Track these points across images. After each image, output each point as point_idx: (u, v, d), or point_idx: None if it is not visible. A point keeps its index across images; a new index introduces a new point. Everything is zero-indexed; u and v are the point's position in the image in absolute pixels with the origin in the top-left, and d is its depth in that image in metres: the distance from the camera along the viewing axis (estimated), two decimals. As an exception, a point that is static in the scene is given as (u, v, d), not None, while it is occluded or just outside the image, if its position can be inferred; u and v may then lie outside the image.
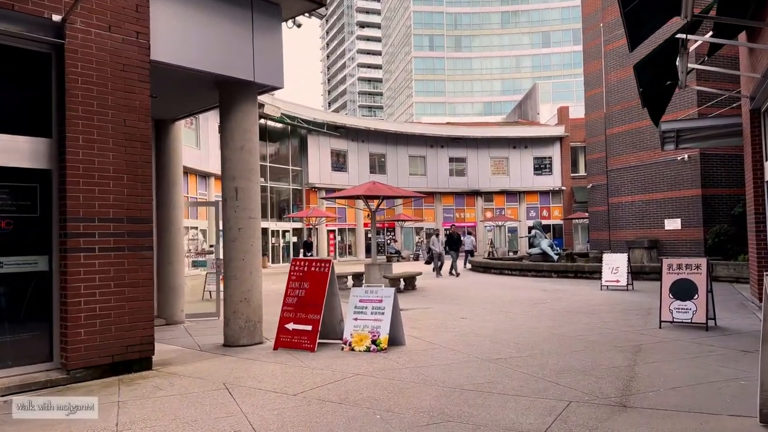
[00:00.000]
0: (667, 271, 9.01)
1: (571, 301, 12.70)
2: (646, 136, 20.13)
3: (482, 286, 17.09)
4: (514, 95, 71.21)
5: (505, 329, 9.12)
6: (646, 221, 20.22)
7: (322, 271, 7.81)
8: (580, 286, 16.25)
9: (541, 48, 76.99)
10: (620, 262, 15.09)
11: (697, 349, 7.27)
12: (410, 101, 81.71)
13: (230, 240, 8.00)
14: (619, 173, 21.52)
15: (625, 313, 10.67)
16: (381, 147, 41.13)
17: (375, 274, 15.95)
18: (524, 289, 15.92)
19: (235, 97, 8.07)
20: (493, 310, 11.47)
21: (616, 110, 21.51)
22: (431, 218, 43.26)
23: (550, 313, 10.93)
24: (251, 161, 8.09)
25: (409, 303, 13.15)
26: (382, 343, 7.36)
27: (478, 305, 12.40)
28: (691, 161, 18.42)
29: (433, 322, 10.09)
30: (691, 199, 18.50)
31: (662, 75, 9.44)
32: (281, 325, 7.71)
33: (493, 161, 44.84)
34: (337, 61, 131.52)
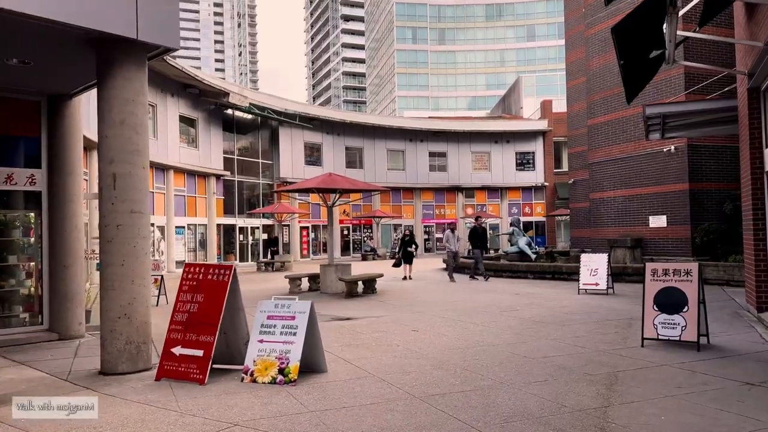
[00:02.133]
0: (651, 278, 7.50)
1: (544, 308, 11.20)
2: (629, 126, 18.69)
3: (450, 289, 15.56)
4: (498, 90, 69.76)
5: (459, 347, 7.57)
6: (630, 218, 18.79)
7: (220, 280, 6.21)
8: (556, 289, 14.79)
9: (526, 42, 75.54)
10: (599, 264, 13.63)
11: (688, 379, 5.76)
12: (393, 95, 80.00)
13: (107, 240, 6.36)
14: (600, 167, 20.07)
15: (603, 324, 9.17)
16: (358, 141, 39.47)
17: (330, 276, 14.39)
18: (495, 292, 14.42)
19: (115, 59, 6.44)
20: (453, 320, 9.92)
21: (598, 99, 20.04)
22: (410, 214, 41.74)
23: (516, 324, 9.40)
24: (135, 140, 6.45)
25: (361, 310, 11.60)
26: (292, 373, 5.77)
27: (439, 313, 10.86)
28: (678, 153, 16.98)
29: (377, 336, 8.53)
30: (678, 195, 17.08)
31: (647, 43, 7.92)
32: (166, 349, 6.10)
33: (474, 156, 43.37)
34: (321, 56, 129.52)
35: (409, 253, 18.71)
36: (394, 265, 18.81)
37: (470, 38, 77.58)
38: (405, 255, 18.65)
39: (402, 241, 19.47)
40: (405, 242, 19.03)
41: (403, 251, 18.76)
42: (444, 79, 78.32)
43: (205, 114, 29.48)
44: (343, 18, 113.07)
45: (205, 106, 29.37)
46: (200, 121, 29.10)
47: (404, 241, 19.11)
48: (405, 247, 18.80)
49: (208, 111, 29.64)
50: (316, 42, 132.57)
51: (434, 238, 42.75)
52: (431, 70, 78.38)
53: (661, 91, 17.11)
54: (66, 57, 7.19)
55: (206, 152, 29.44)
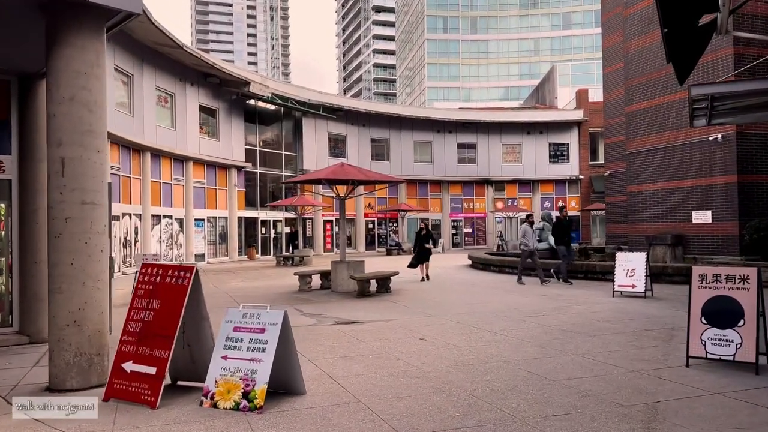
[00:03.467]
0: (698, 284, 6.29)
1: (572, 314, 10.03)
2: (671, 113, 17.18)
3: (471, 289, 14.44)
4: (532, 80, 67.60)
5: (469, 362, 6.51)
6: (671, 213, 17.31)
7: (179, 284, 5.28)
8: (588, 291, 13.54)
9: (562, 30, 73.06)
10: (637, 263, 12.32)
11: (750, 416, 4.60)
12: (423, 86, 78.48)
13: (54, 235, 5.50)
14: (639, 157, 18.59)
15: (639, 336, 7.97)
16: (384, 132, 38.41)
17: (342, 273, 13.44)
18: (521, 293, 13.26)
19: (64, 25, 5.54)
20: (468, 326, 8.85)
21: (636, 84, 18.52)
22: (438, 208, 40.53)
23: (539, 333, 8.27)
24: (88, 119, 5.55)
25: (369, 312, 10.62)
26: (258, 398, 4.81)
27: (453, 317, 9.79)
28: (726, 142, 15.45)
29: (378, 346, 7.51)
30: (725, 188, 15.55)
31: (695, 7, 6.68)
32: (116, 365, 5.21)
33: (505, 148, 41.84)
34: (352, 48, 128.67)
35: (426, 250, 16.50)
36: (409, 266, 16.52)
37: (503, 27, 75.48)
38: (421, 253, 16.45)
39: (417, 236, 17.03)
40: (421, 238, 16.71)
41: (419, 249, 16.57)
42: (476, 70, 76.41)
43: (226, 104, 28.84)
44: (374, 9, 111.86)
45: (226, 96, 28.73)
46: (221, 112, 28.46)
47: (420, 237, 16.81)
48: (421, 243, 16.56)
49: (229, 101, 28.99)
50: (348, 34, 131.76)
51: (462, 233, 41.47)
52: (462, 60, 76.55)
53: (706, 74, 15.59)
54: (19, 26, 6.34)
55: (227, 143, 28.81)
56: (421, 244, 16.50)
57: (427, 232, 16.99)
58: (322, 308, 11.34)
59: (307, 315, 10.53)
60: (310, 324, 9.51)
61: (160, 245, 23.96)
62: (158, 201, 24.05)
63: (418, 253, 16.57)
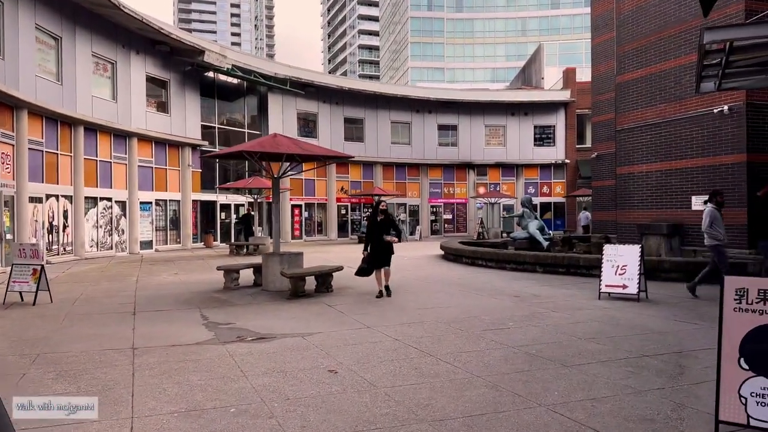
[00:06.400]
0: (735, 306, 3.99)
1: (547, 325, 7.75)
2: (669, 83, 14.88)
3: (432, 287, 12.12)
4: (519, 61, 64.95)
5: (376, 421, 4.20)
6: (666, 198, 15.09)
7: None
8: (570, 290, 11.32)
9: (549, 9, 70.38)
10: (629, 258, 10.08)
11: None
12: (406, 66, 75.66)
13: None
14: (630, 134, 16.30)
15: (636, 366, 5.70)
16: (358, 111, 35.84)
17: (274, 268, 11.09)
18: (490, 293, 10.99)
19: None
20: (406, 346, 6.55)
21: (629, 50, 16.16)
22: (416, 193, 38.17)
23: (498, 359, 5.98)
24: None
25: (291, 321, 8.32)
26: None
27: (394, 330, 7.49)
28: (734, 114, 13.18)
29: (261, 385, 5.18)
30: (732, 168, 13.33)
31: None
32: None
33: (488, 130, 39.48)
34: (337, 28, 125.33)
35: (385, 247, 10.43)
36: (359, 272, 10.53)
37: (490, 5, 72.60)
38: (377, 250, 10.37)
39: (371, 224, 10.74)
40: (377, 226, 10.48)
41: (374, 243, 10.39)
42: (461, 50, 73.61)
43: (179, 76, 26.16)
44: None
45: (179, 66, 26.04)
46: (173, 84, 25.79)
47: (376, 225, 10.51)
48: (377, 235, 10.40)
49: (182, 73, 26.31)
50: (333, 14, 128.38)
51: (442, 220, 39.21)
52: (447, 40, 73.70)
53: (713, 35, 13.26)
54: None
55: (180, 119, 26.17)
56: (378, 236, 10.41)
57: (386, 218, 10.64)
58: (236, 314, 9.00)
59: (209, 325, 8.18)
60: (201, 340, 7.17)
61: (96, 231, 21.41)
62: (94, 181, 21.45)
63: (372, 251, 10.41)
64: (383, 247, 10.46)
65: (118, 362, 6.09)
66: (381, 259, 10.45)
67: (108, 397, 4.89)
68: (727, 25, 7.72)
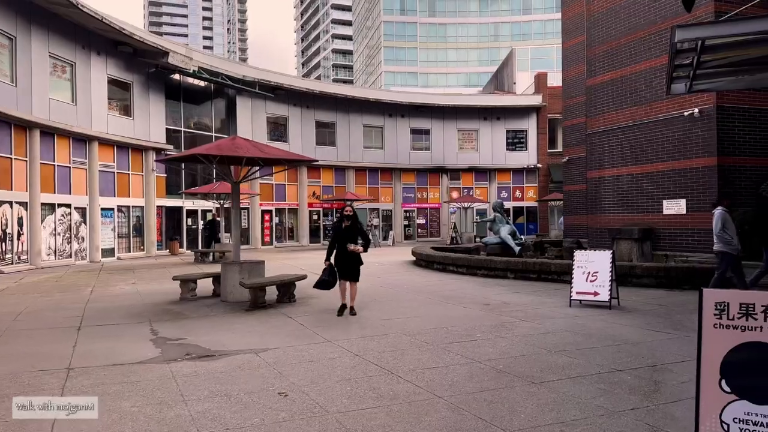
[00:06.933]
0: (715, 321, 3.63)
1: (516, 336, 7.38)
2: (639, 85, 14.73)
3: (401, 295, 11.69)
4: (492, 66, 65.31)
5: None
6: (638, 202, 14.94)
7: None
8: (541, 297, 11.00)
9: (522, 15, 70.84)
10: (600, 265, 9.80)
11: None
12: (379, 70, 75.36)
13: None
14: (601, 138, 16.13)
15: (609, 382, 5.34)
16: (330, 114, 35.33)
17: (233, 278, 10.53)
18: (459, 301, 10.61)
19: None
20: (366, 363, 6.11)
21: (600, 52, 16.01)
22: (389, 198, 37.77)
23: (463, 376, 5.57)
24: None
25: (247, 336, 7.80)
26: None
27: (356, 344, 7.05)
28: (704, 117, 13.06)
29: (200, 413, 4.69)
30: (703, 172, 13.20)
31: None
32: None
33: (461, 134, 39.31)
34: (311, 32, 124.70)
35: (351, 258, 9.11)
36: (318, 285, 9.08)
37: (463, 10, 72.83)
38: (342, 260, 9.13)
39: (336, 230, 9.46)
40: (342, 233, 9.20)
41: (337, 253, 9.20)
42: (434, 54, 73.63)
43: (142, 78, 25.34)
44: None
45: (143, 68, 25.23)
46: (136, 86, 24.96)
47: (340, 232, 9.23)
48: (341, 242, 9.15)
49: (146, 74, 25.50)
50: (306, 18, 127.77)
51: (415, 224, 38.87)
52: (420, 44, 73.66)
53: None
54: None
55: (143, 123, 25.35)
56: (341, 244, 9.13)
57: (352, 224, 9.20)
58: (188, 328, 8.44)
59: (158, 341, 7.62)
60: (145, 359, 6.62)
61: (54, 239, 20.50)
62: (52, 187, 20.55)
63: (336, 262, 9.16)
64: (348, 258, 9.09)
65: (46, 386, 5.52)
66: (345, 272, 9.14)
67: (25, 429, 4.34)
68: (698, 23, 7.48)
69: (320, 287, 9.11)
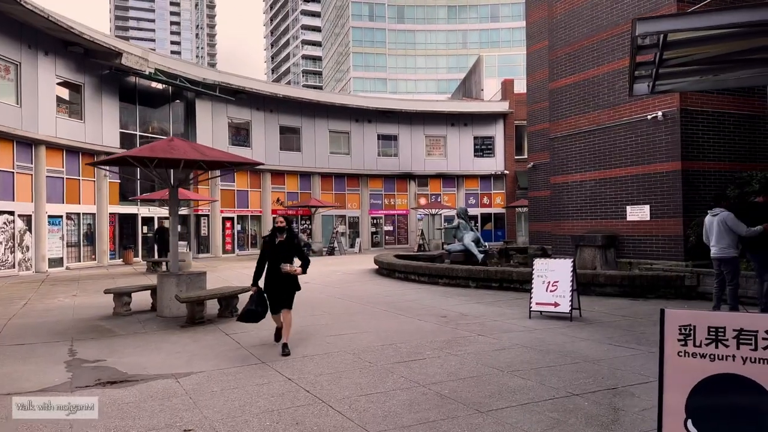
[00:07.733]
0: (680, 348, 3.05)
1: (468, 354, 6.77)
2: (602, 89, 14.39)
3: (352, 307, 11.01)
4: (460, 73, 65.32)
5: None
6: (601, 208, 14.56)
7: None
8: (501, 308, 10.46)
9: (489, 23, 71.11)
10: (561, 273, 9.29)
11: None
12: (348, 76, 74.80)
13: None
14: (564, 143, 15.75)
15: (564, 410, 4.75)
16: (295, 119, 34.53)
17: (170, 291, 9.70)
18: (415, 313, 9.98)
19: None
20: (297, 390, 5.41)
21: (562, 55, 15.66)
22: (356, 204, 37.09)
23: (402, 403, 4.92)
24: None
25: (172, 357, 7.03)
26: None
27: (292, 365, 6.34)
28: (668, 121, 12.73)
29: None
30: (667, 177, 12.86)
31: None
32: None
33: (428, 140, 38.88)
34: (281, 38, 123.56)
35: (281, 282, 7.14)
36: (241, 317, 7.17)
37: (431, 17, 72.81)
38: (270, 288, 7.17)
39: (265, 247, 7.34)
40: (273, 250, 7.20)
41: (267, 275, 7.21)
42: (403, 61, 73.41)
43: (95, 80, 24.23)
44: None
45: (95, 70, 24.13)
46: (87, 88, 23.84)
47: (270, 249, 7.23)
48: (272, 264, 7.18)
49: (99, 76, 24.39)
50: (276, 24, 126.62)
51: (383, 231, 38.25)
52: (389, 51, 73.37)
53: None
54: None
55: (96, 126, 24.22)
56: (274, 264, 7.14)
57: (288, 239, 7.26)
58: (112, 348, 7.63)
59: (72, 363, 6.80)
60: (50, 386, 5.82)
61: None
62: (-8, 193, 19.37)
63: (265, 286, 7.20)
64: (281, 282, 7.11)
65: None
66: (276, 300, 7.15)
67: None
68: (660, 16, 7.04)
69: (246, 319, 7.11)
